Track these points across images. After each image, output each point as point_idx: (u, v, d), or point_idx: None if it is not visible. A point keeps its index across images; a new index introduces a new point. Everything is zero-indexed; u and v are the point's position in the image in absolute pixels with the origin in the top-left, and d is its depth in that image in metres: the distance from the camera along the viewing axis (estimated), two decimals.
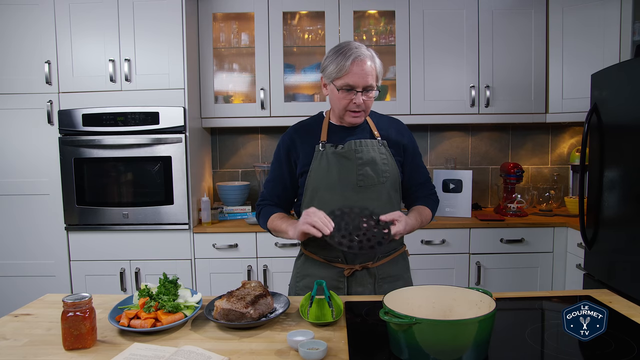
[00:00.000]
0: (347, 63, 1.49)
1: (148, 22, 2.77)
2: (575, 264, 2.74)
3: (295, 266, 1.74)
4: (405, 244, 1.76)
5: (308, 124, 1.70)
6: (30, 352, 1.17)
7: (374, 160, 1.58)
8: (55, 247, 2.86)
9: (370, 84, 1.52)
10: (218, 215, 3.01)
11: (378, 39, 3.15)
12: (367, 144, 1.59)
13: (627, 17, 2.71)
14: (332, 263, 1.62)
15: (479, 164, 3.44)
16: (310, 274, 1.66)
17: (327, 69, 1.55)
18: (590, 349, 1.13)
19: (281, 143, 1.68)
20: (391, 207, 1.60)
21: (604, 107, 2.35)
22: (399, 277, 1.66)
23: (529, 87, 3.07)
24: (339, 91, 1.53)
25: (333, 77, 1.54)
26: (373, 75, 1.53)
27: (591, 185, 2.46)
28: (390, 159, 1.61)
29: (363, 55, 1.51)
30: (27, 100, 2.80)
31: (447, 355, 1.03)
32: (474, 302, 1.16)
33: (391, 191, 1.61)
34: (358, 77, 1.50)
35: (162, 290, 1.33)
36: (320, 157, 1.59)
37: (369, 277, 1.61)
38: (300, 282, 1.69)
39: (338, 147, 1.59)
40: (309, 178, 1.61)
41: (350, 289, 1.61)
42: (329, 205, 1.55)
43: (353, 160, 1.57)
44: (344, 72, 1.50)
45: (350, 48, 1.52)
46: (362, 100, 1.53)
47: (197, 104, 3.02)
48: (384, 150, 1.60)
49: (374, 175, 1.57)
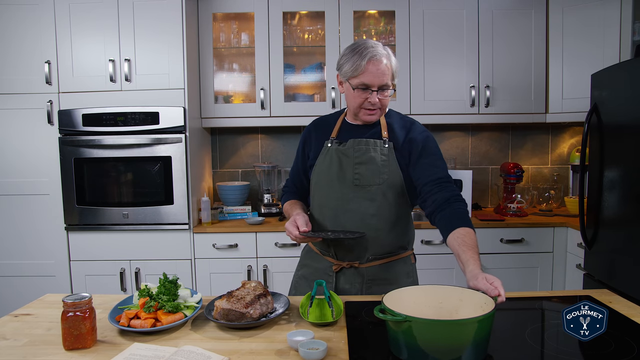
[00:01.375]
0: (363, 62, 1.49)
1: (148, 22, 2.77)
2: (575, 264, 2.74)
3: (301, 256, 1.81)
4: (411, 250, 1.72)
5: (326, 120, 1.74)
6: (30, 352, 1.17)
7: (372, 160, 1.57)
8: (55, 247, 2.86)
9: (385, 82, 1.52)
10: (218, 215, 3.01)
11: (378, 39, 3.15)
12: (369, 143, 1.58)
13: (627, 17, 2.71)
14: (325, 256, 1.66)
15: (479, 164, 3.44)
16: (307, 265, 1.72)
17: (343, 68, 1.55)
18: (590, 349, 1.13)
19: (302, 135, 1.77)
20: (387, 209, 1.58)
21: (604, 107, 2.35)
22: (392, 282, 1.62)
23: (529, 87, 3.07)
24: (355, 90, 1.53)
25: (349, 76, 1.53)
26: (389, 74, 1.52)
27: (591, 185, 2.46)
28: (393, 161, 1.57)
29: (379, 55, 1.50)
30: (27, 100, 2.80)
31: (446, 355, 1.03)
32: (479, 305, 1.16)
33: (389, 193, 1.57)
34: (374, 77, 1.50)
35: (162, 290, 1.33)
36: (326, 153, 1.62)
37: (357, 277, 1.62)
38: (299, 272, 1.75)
39: (342, 144, 1.61)
40: (313, 172, 1.65)
41: (338, 285, 1.63)
42: (327, 199, 1.61)
43: (351, 158, 1.58)
44: (359, 71, 1.50)
45: (366, 47, 1.51)
46: (378, 99, 1.53)
47: (197, 104, 3.02)
48: (386, 151, 1.57)
49: (370, 176, 1.57)
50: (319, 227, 1.65)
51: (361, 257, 1.61)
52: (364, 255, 1.61)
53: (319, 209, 1.65)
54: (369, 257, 1.61)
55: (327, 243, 1.64)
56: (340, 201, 1.59)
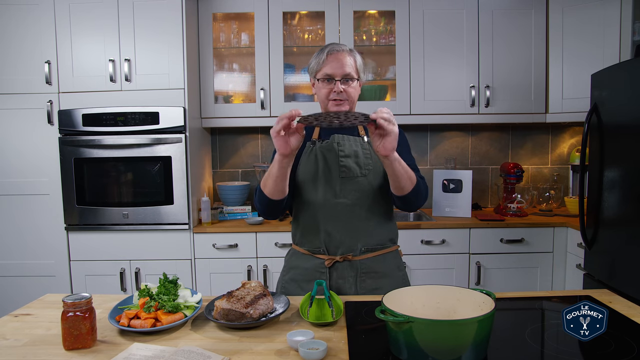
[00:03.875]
0: (323, 55, 1.60)
1: (148, 22, 2.77)
2: (575, 264, 2.74)
3: (284, 261, 1.80)
4: (398, 245, 1.76)
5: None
6: (30, 352, 1.17)
7: (356, 153, 1.64)
8: (55, 247, 2.86)
9: (348, 72, 1.59)
10: (218, 215, 3.01)
11: (378, 39, 3.15)
12: (349, 139, 1.66)
13: (627, 17, 2.71)
14: (315, 254, 1.66)
15: (479, 164, 3.44)
16: (296, 267, 1.71)
17: (310, 67, 1.67)
18: (590, 349, 1.13)
19: None
20: (375, 200, 1.62)
21: (604, 107, 2.35)
22: (384, 275, 1.66)
23: (529, 87, 3.07)
24: (320, 82, 1.62)
25: (314, 71, 1.64)
26: (351, 66, 1.61)
27: (591, 185, 2.46)
28: (373, 154, 1.65)
29: (339, 48, 1.61)
30: (27, 100, 2.80)
31: (445, 355, 1.03)
32: (477, 304, 1.16)
33: (375, 183, 1.63)
34: (335, 67, 1.59)
35: (162, 290, 1.33)
36: (309, 152, 1.67)
37: (350, 270, 1.63)
38: (286, 276, 1.74)
39: (324, 142, 1.66)
40: (298, 172, 1.67)
41: (332, 281, 1.63)
42: (315, 195, 1.62)
43: (335, 153, 1.63)
44: (321, 63, 1.61)
45: (327, 45, 1.65)
46: (343, 88, 1.59)
47: (197, 104, 3.02)
48: (367, 146, 1.66)
49: (356, 167, 1.62)
50: (309, 225, 1.64)
51: (354, 249, 1.63)
52: (357, 247, 1.63)
53: (307, 206, 1.65)
54: (362, 249, 1.63)
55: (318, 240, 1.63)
56: (328, 195, 1.62)
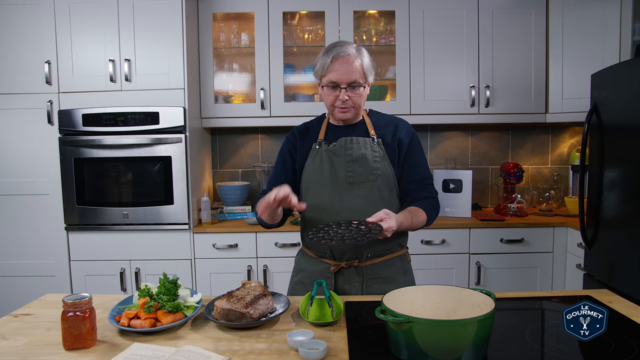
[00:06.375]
0: (328, 60, 1.54)
1: (148, 22, 2.77)
2: (575, 264, 2.74)
3: (294, 261, 1.79)
4: (407, 247, 1.73)
5: (310, 124, 1.75)
6: (30, 352, 1.17)
7: (364, 157, 1.59)
8: (55, 247, 2.86)
9: (354, 79, 1.54)
10: (218, 215, 3.01)
11: (378, 39, 3.15)
12: (358, 141, 1.61)
13: (627, 17, 2.71)
14: (322, 259, 1.65)
15: (479, 164, 3.44)
16: (304, 269, 1.70)
17: (315, 68, 1.62)
18: (590, 349, 1.13)
19: (285, 141, 1.74)
20: (383, 205, 1.56)
21: (604, 107, 2.35)
22: (391, 280, 1.63)
23: (529, 87, 3.07)
24: (325, 88, 1.58)
25: (319, 75, 1.59)
26: (358, 71, 1.54)
27: (591, 185, 2.46)
28: (384, 156, 1.61)
29: (344, 53, 1.53)
30: (27, 100, 2.80)
31: (445, 355, 1.03)
32: (477, 304, 1.16)
33: (383, 189, 1.60)
34: (340, 74, 1.53)
35: (162, 290, 1.33)
36: (315, 155, 1.63)
37: (356, 276, 1.61)
38: (295, 277, 1.73)
39: (331, 144, 1.62)
40: (303, 175, 1.65)
41: (337, 285, 1.62)
42: (321, 199, 1.60)
43: (343, 157, 1.60)
44: (326, 69, 1.55)
45: (334, 46, 1.56)
46: (348, 96, 1.55)
47: (197, 104, 3.02)
48: (377, 148, 1.61)
49: (364, 172, 1.59)
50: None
51: (360, 255, 1.61)
52: (363, 254, 1.61)
53: (312, 210, 1.63)
54: (368, 255, 1.61)
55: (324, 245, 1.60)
56: (334, 200, 1.59)
